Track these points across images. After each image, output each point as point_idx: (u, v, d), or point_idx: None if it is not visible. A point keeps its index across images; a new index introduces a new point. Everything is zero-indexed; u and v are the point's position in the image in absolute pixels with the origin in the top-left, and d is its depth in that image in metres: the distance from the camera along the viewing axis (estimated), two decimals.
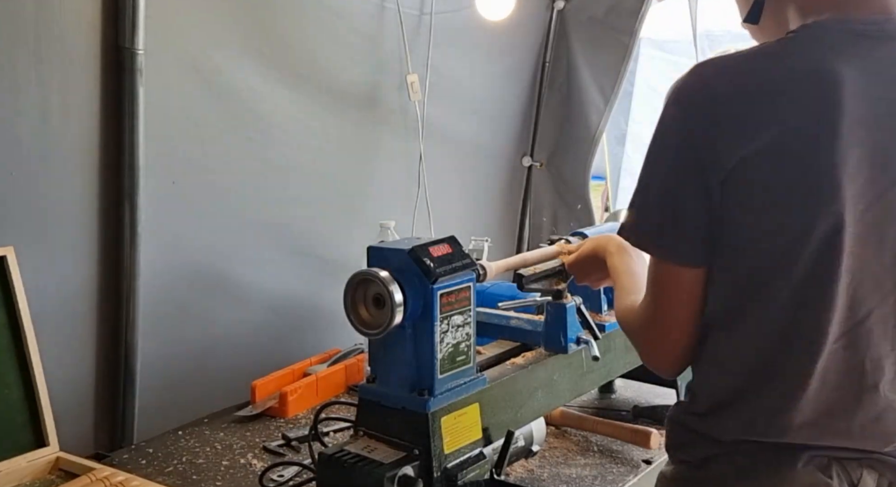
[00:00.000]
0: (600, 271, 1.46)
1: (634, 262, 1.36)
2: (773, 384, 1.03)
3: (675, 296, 1.07)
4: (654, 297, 1.10)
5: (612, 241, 1.43)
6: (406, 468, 1.26)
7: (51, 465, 1.47)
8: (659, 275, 1.08)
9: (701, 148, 1.01)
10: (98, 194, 1.70)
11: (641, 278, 1.28)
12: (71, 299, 1.69)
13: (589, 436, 1.73)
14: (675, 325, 1.08)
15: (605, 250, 1.42)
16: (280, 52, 2.02)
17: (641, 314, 1.13)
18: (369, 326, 1.32)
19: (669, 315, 1.08)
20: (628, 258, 1.37)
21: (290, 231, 2.12)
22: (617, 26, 2.78)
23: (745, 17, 1.15)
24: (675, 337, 1.09)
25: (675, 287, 1.07)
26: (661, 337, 1.11)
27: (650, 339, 1.13)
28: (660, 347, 1.12)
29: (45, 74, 1.59)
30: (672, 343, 1.10)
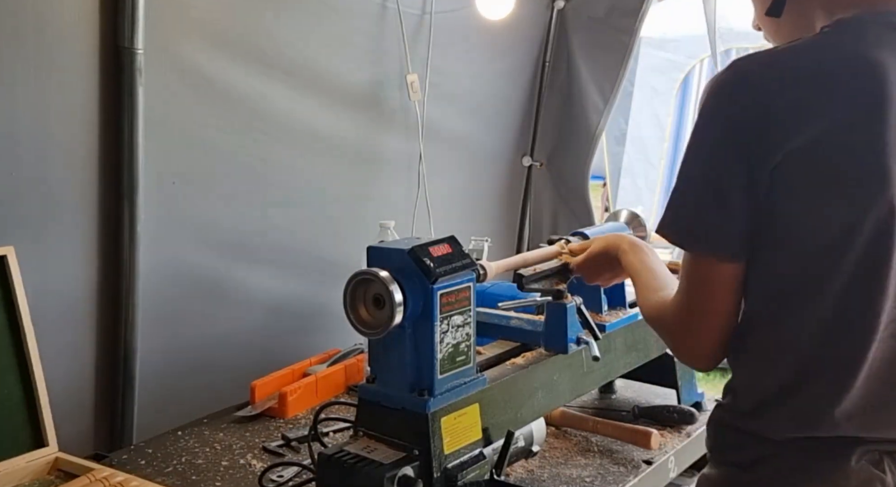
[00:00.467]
0: (612, 270, 1.46)
1: (650, 259, 1.36)
2: (823, 377, 1.04)
3: (714, 291, 1.07)
4: (690, 293, 1.09)
5: (624, 239, 1.44)
6: (406, 468, 1.26)
7: (50, 465, 1.46)
8: (697, 270, 1.08)
9: (749, 141, 1.01)
10: (98, 194, 1.70)
11: (662, 273, 1.30)
12: (71, 299, 1.69)
13: (589, 436, 1.73)
14: (712, 320, 1.08)
15: (619, 249, 1.42)
16: (280, 52, 2.02)
17: (675, 309, 1.12)
18: (369, 326, 1.31)
19: (707, 310, 1.08)
20: (644, 255, 1.38)
21: (289, 231, 2.12)
22: (617, 26, 2.77)
23: (767, 10, 1.15)
24: (713, 332, 1.09)
25: (715, 282, 1.06)
26: (698, 332, 1.10)
27: (686, 334, 1.12)
28: (696, 342, 1.11)
29: (45, 73, 1.59)
30: (709, 338, 1.09)
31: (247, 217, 2.01)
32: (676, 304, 1.12)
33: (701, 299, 1.08)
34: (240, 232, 2.00)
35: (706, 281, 1.07)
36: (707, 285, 1.07)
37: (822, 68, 1.02)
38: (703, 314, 1.09)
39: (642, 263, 1.36)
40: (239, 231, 2.00)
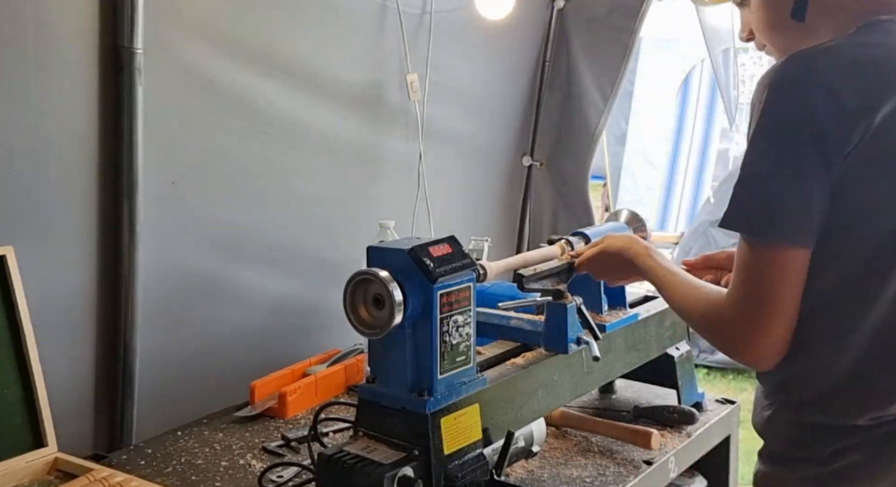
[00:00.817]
0: (624, 271, 1.46)
1: (666, 260, 1.37)
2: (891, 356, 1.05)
3: (787, 282, 1.06)
4: (758, 284, 1.08)
5: (638, 242, 1.44)
6: (406, 468, 1.25)
7: (49, 466, 1.46)
8: (768, 260, 1.07)
9: (823, 127, 1.02)
10: (97, 194, 1.69)
11: (685, 274, 1.30)
12: (70, 300, 1.69)
13: (589, 437, 1.73)
14: (782, 311, 1.07)
15: (632, 251, 1.42)
16: (279, 52, 2.02)
17: (737, 306, 1.10)
18: (369, 326, 1.31)
19: (779, 303, 1.07)
20: (662, 258, 1.38)
21: (289, 231, 2.12)
22: (617, 25, 2.77)
23: (793, 14, 1.16)
24: (784, 325, 1.08)
25: (788, 272, 1.06)
26: (768, 328, 1.08)
27: (753, 332, 1.09)
28: (764, 339, 1.09)
29: (44, 73, 1.58)
30: (780, 332, 1.08)
31: (247, 217, 2.01)
32: (740, 299, 1.10)
33: (772, 291, 1.07)
34: (239, 232, 2.00)
35: (778, 270, 1.06)
36: (780, 275, 1.06)
37: (876, 59, 1.06)
38: (775, 306, 1.07)
39: (665, 267, 1.35)
40: (239, 231, 1.99)
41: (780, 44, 1.21)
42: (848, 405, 1.08)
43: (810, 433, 1.11)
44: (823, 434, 1.09)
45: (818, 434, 1.10)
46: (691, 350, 1.93)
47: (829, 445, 1.09)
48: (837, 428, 1.08)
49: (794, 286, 1.07)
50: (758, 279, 1.08)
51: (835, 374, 1.08)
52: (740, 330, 1.11)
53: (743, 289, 1.09)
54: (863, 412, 1.07)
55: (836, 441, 1.08)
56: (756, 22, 1.23)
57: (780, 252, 1.06)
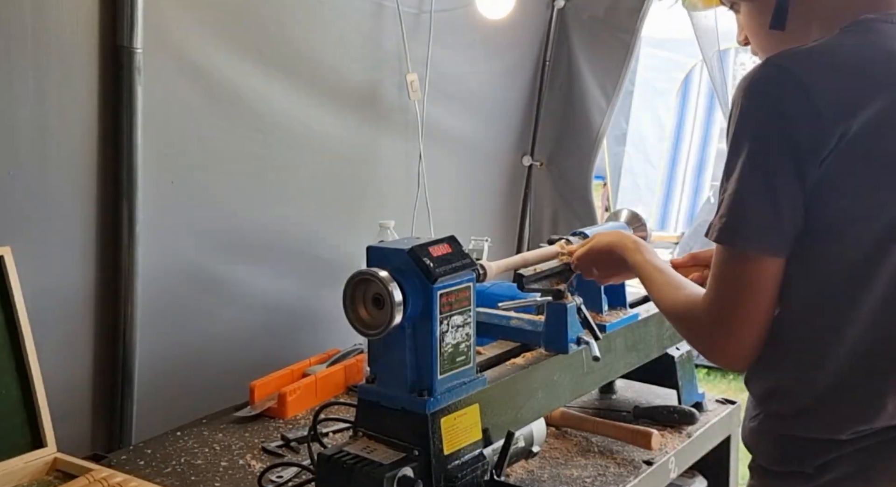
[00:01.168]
0: (613, 268, 1.46)
1: (656, 257, 1.36)
2: (878, 365, 1.04)
3: (759, 289, 1.06)
4: (730, 290, 1.08)
5: (627, 237, 1.44)
6: (405, 469, 1.25)
7: (48, 466, 1.46)
8: (740, 268, 1.06)
9: (797, 133, 1.01)
10: (96, 194, 1.69)
11: (671, 272, 1.29)
12: (69, 299, 1.68)
13: (589, 437, 1.72)
14: (754, 317, 1.07)
15: (623, 247, 1.41)
16: (279, 51, 2.02)
17: (711, 307, 1.10)
18: (369, 326, 1.31)
19: (748, 308, 1.07)
20: (651, 255, 1.37)
21: (289, 231, 2.12)
22: (618, 25, 2.77)
23: (771, 24, 1.14)
24: (753, 330, 1.08)
25: (758, 279, 1.06)
26: (739, 332, 1.08)
27: (723, 333, 1.10)
28: (735, 341, 1.09)
29: (43, 73, 1.58)
30: (749, 336, 1.08)
31: (246, 217, 2.01)
32: (711, 302, 1.10)
33: (742, 297, 1.07)
34: (239, 232, 1.99)
35: (749, 278, 1.06)
36: (749, 282, 1.06)
37: (859, 60, 1.04)
38: (744, 311, 1.07)
39: (652, 262, 1.35)
40: (238, 231, 1.99)
41: (769, 50, 1.19)
42: (831, 419, 1.06)
43: (795, 446, 1.09)
44: (809, 447, 1.08)
45: (803, 448, 1.08)
46: (692, 350, 1.92)
47: (815, 459, 1.07)
48: (822, 442, 1.07)
49: (764, 293, 1.06)
50: (728, 284, 1.08)
51: (817, 386, 1.07)
52: (710, 331, 1.11)
53: (715, 292, 1.10)
54: (846, 427, 1.05)
55: (822, 455, 1.07)
56: (747, 28, 1.23)
57: (750, 260, 1.06)
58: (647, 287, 1.33)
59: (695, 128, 7.08)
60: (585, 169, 2.88)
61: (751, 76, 1.05)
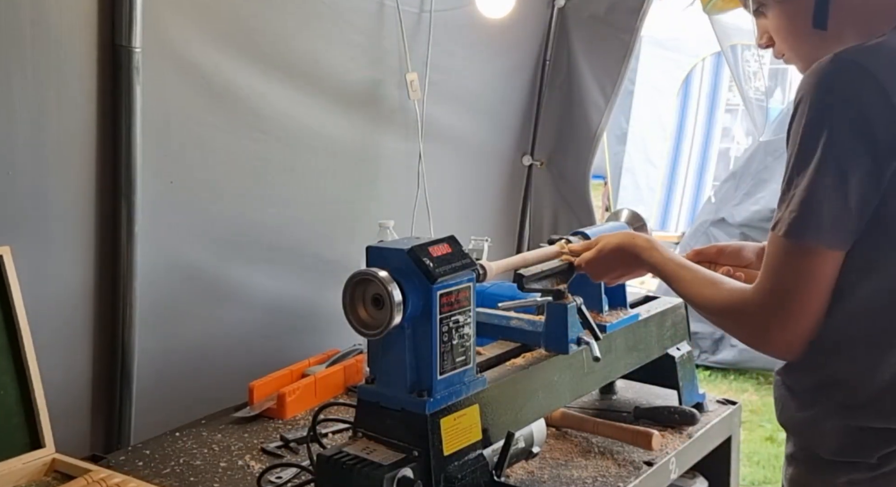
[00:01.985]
0: (625, 267, 1.46)
1: (671, 252, 1.36)
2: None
3: (817, 281, 1.07)
4: (788, 282, 1.08)
5: (637, 236, 1.44)
6: (405, 469, 1.25)
7: (47, 467, 1.46)
8: (802, 261, 1.07)
9: (877, 127, 1.01)
10: (95, 194, 1.69)
11: (697, 267, 1.29)
12: (67, 300, 1.68)
13: (590, 438, 1.72)
14: (812, 308, 1.08)
15: (636, 247, 1.41)
16: (278, 51, 2.01)
17: (764, 300, 1.10)
18: (368, 326, 1.30)
19: (807, 299, 1.07)
20: (668, 252, 1.37)
21: (288, 231, 2.11)
22: (618, 24, 2.76)
23: (815, 23, 1.14)
24: (810, 320, 1.08)
25: (819, 273, 1.06)
26: (795, 321, 1.09)
27: (778, 325, 1.10)
28: (789, 332, 1.10)
29: (42, 72, 1.58)
30: (806, 326, 1.09)
31: (245, 217, 2.00)
32: (768, 293, 1.10)
33: (801, 288, 1.07)
34: (238, 232, 1.99)
35: (811, 271, 1.06)
36: (811, 274, 1.07)
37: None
38: (802, 302, 1.07)
39: (674, 260, 1.35)
40: (237, 231, 1.99)
41: (803, 52, 1.19)
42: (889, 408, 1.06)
43: (860, 436, 1.09)
44: (872, 437, 1.08)
45: (868, 438, 1.08)
46: (692, 351, 1.92)
47: (878, 449, 1.07)
48: (889, 431, 1.07)
49: (821, 285, 1.07)
50: (785, 275, 1.08)
51: (881, 378, 1.07)
52: (763, 321, 1.12)
53: (770, 282, 1.10)
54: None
55: (886, 445, 1.07)
56: (776, 30, 1.21)
57: (814, 255, 1.06)
58: (675, 285, 1.32)
59: (696, 127, 7.09)
60: (583, 168, 2.88)
61: (821, 71, 1.05)
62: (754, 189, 4.88)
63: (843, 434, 1.11)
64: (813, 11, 1.13)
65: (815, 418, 1.14)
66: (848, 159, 1.02)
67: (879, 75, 1.01)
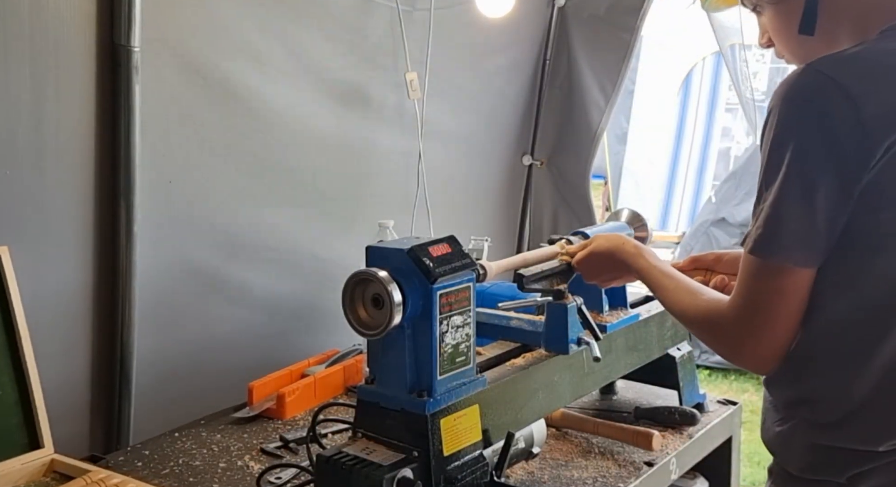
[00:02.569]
0: (615, 272, 1.45)
1: (658, 260, 1.36)
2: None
3: (787, 298, 1.05)
4: (758, 298, 1.07)
5: (628, 242, 1.43)
6: (405, 470, 1.24)
7: (45, 467, 1.46)
8: (770, 277, 1.05)
9: (845, 143, 0.98)
10: (94, 193, 1.68)
11: (680, 276, 1.29)
12: (66, 300, 1.67)
13: (590, 438, 1.71)
14: (778, 324, 1.06)
15: (624, 252, 1.41)
16: (277, 50, 2.01)
17: (737, 314, 1.09)
18: (368, 326, 1.30)
19: (776, 316, 1.06)
20: (654, 258, 1.37)
21: (287, 230, 2.11)
22: (618, 23, 2.76)
23: (799, 29, 1.12)
24: (781, 335, 1.07)
25: (789, 290, 1.05)
26: (765, 338, 1.08)
27: (750, 339, 1.09)
28: (761, 348, 1.09)
29: (40, 71, 1.57)
30: (777, 341, 1.08)
31: (245, 217, 2.00)
32: (739, 308, 1.09)
33: (772, 305, 1.06)
34: (237, 232, 1.99)
35: (780, 289, 1.05)
36: (780, 292, 1.05)
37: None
38: (773, 319, 1.06)
39: (659, 267, 1.34)
40: (237, 231, 1.98)
41: (799, 53, 1.17)
42: (867, 431, 1.05)
43: (829, 455, 1.08)
44: (843, 457, 1.06)
45: (837, 458, 1.07)
46: (692, 351, 1.92)
47: (849, 469, 1.06)
48: (858, 453, 1.05)
49: (792, 302, 1.05)
50: (756, 291, 1.07)
51: (853, 397, 1.05)
52: (736, 335, 1.11)
53: (742, 298, 1.09)
54: (883, 439, 1.04)
55: (857, 466, 1.05)
56: (773, 31, 1.20)
57: (781, 271, 1.04)
58: (657, 293, 1.32)
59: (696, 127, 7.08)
60: (583, 168, 2.88)
61: (791, 83, 1.03)
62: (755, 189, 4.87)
63: (812, 452, 1.09)
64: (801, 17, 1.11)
65: (787, 433, 1.13)
66: (814, 175, 1.00)
67: (851, 89, 0.98)
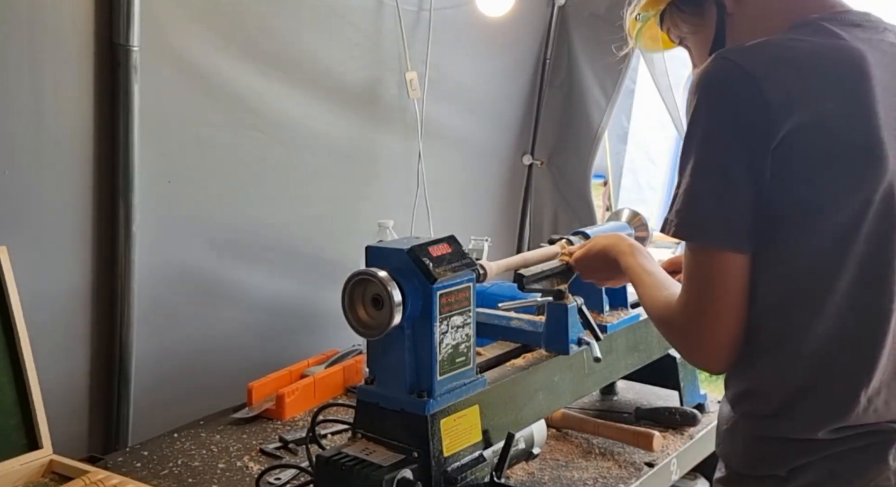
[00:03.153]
0: (609, 271, 1.44)
1: (651, 261, 1.35)
2: (848, 361, 1.03)
3: (726, 285, 1.05)
4: (699, 289, 1.07)
5: (623, 241, 1.42)
6: (405, 471, 1.24)
7: (44, 468, 1.45)
8: (706, 265, 1.05)
9: (748, 126, 1.01)
10: (92, 193, 1.68)
11: (664, 276, 1.28)
12: (65, 300, 1.67)
13: (590, 439, 1.71)
14: (725, 315, 1.06)
15: (618, 250, 1.40)
16: (277, 49, 2.00)
17: (684, 307, 1.09)
18: (368, 327, 1.30)
19: (719, 306, 1.05)
20: (643, 258, 1.36)
21: (287, 230, 2.10)
22: (619, 22, 2.75)
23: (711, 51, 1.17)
24: (725, 329, 1.06)
25: (725, 276, 1.04)
26: (711, 330, 1.07)
27: (698, 333, 1.08)
28: (709, 341, 1.08)
29: (39, 71, 1.57)
30: (723, 336, 1.07)
31: (244, 216, 1.99)
32: (684, 302, 1.09)
33: (711, 295, 1.06)
34: (236, 231, 1.98)
35: (715, 275, 1.05)
36: (716, 279, 1.05)
37: (809, 55, 1.04)
38: (714, 310, 1.06)
39: (643, 266, 1.33)
40: (236, 231, 1.98)
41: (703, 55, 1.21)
42: (804, 418, 1.04)
43: (769, 448, 1.07)
44: (783, 449, 1.06)
45: (777, 450, 1.06)
46: None
47: (789, 462, 1.05)
48: (797, 442, 1.05)
49: (733, 290, 1.05)
50: (698, 282, 1.07)
51: (788, 385, 1.05)
52: (686, 332, 1.10)
53: (687, 292, 1.09)
54: (821, 424, 1.04)
55: (796, 458, 1.05)
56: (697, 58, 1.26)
57: (715, 256, 1.04)
58: (637, 290, 1.32)
59: None
60: (584, 168, 2.87)
61: (702, 71, 1.06)
62: None
63: (754, 446, 1.09)
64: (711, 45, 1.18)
65: (732, 431, 1.12)
66: (725, 158, 1.02)
67: (756, 71, 1.01)
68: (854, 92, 1.02)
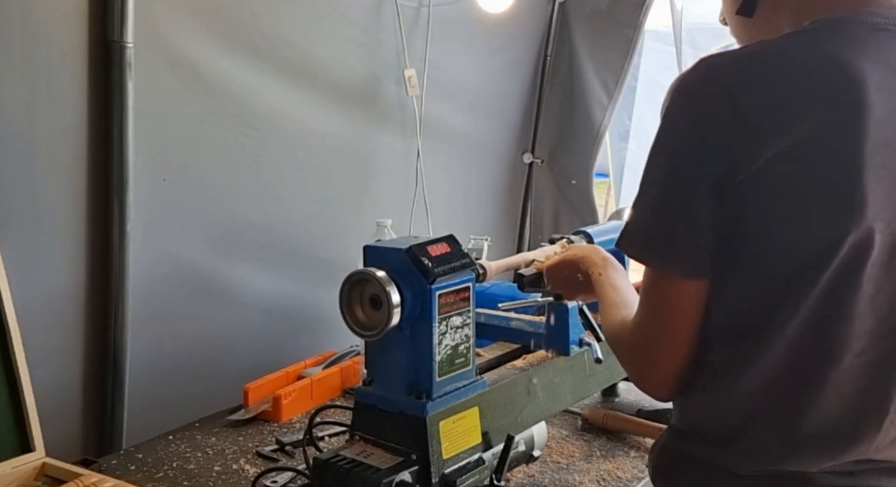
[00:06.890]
0: (578, 284, 1.37)
1: (619, 276, 1.29)
2: (792, 401, 0.97)
3: (676, 311, 0.99)
4: (650, 313, 1.02)
5: (597, 253, 1.36)
6: (403, 473, 1.24)
7: (37, 471, 1.44)
8: (657, 289, 1.00)
9: (718, 149, 0.93)
10: (86, 193, 1.67)
11: (626, 292, 1.22)
12: (58, 300, 1.66)
13: (591, 441, 1.69)
14: (673, 343, 1.00)
15: (590, 262, 1.33)
16: (274, 46, 1.99)
17: (634, 331, 1.05)
18: (366, 327, 1.29)
19: (668, 332, 1.00)
20: (613, 272, 1.30)
21: (284, 230, 2.10)
22: (620, 19, 2.74)
23: (738, 10, 1.07)
24: (673, 356, 1.01)
25: (677, 302, 0.99)
26: (658, 356, 1.02)
27: (644, 358, 1.04)
28: (655, 367, 1.03)
29: (32, 69, 1.55)
30: (669, 363, 1.01)
31: (240, 216, 1.99)
32: (636, 323, 1.04)
33: (662, 319, 1.00)
34: (233, 231, 1.97)
35: (668, 300, 0.99)
36: (669, 303, 0.99)
37: (799, 70, 0.94)
38: (665, 334, 1.00)
39: (611, 280, 1.28)
40: (232, 230, 1.97)
41: (739, 34, 1.12)
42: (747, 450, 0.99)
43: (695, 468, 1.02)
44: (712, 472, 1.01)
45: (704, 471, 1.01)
46: None
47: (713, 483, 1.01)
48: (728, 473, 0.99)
49: (686, 316, 0.99)
50: (651, 307, 1.02)
51: (735, 415, 0.99)
52: (633, 358, 1.06)
53: (639, 316, 1.04)
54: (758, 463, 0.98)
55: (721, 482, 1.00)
56: (725, 10, 1.15)
57: (670, 281, 0.99)
58: (600, 307, 1.25)
59: None
60: (586, 167, 2.87)
61: (681, 77, 0.98)
62: None
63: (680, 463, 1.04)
64: None
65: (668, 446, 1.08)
66: (693, 179, 0.94)
67: (737, 88, 0.92)
68: (839, 128, 0.91)
